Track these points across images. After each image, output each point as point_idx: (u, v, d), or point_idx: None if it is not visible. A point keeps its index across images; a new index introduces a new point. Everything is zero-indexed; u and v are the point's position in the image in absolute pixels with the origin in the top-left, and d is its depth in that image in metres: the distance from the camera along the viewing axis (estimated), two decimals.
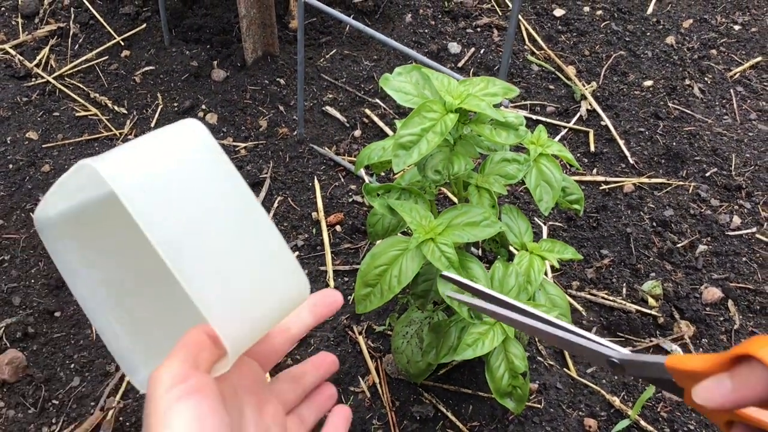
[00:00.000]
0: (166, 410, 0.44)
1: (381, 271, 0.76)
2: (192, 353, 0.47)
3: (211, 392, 0.45)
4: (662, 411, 1.01)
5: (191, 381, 0.45)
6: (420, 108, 0.73)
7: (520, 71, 1.55)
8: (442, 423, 0.98)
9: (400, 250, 0.76)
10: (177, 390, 0.44)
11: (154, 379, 0.45)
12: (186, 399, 0.44)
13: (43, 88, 1.46)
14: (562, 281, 1.17)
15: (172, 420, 0.43)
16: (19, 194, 1.26)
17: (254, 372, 0.53)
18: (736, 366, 0.38)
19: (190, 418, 0.43)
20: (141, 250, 0.54)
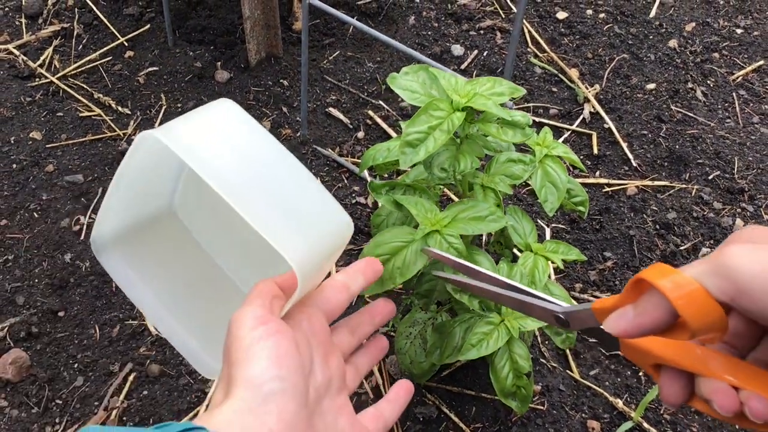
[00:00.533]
0: (250, 346, 0.48)
1: (383, 260, 0.75)
2: (267, 299, 0.52)
3: (289, 335, 0.50)
4: (665, 413, 1.01)
5: (272, 324, 0.50)
6: (427, 106, 0.73)
7: (523, 74, 1.55)
8: (445, 424, 0.98)
9: (405, 242, 0.76)
10: (260, 330, 0.49)
11: (237, 320, 0.50)
12: (268, 338, 0.49)
13: (46, 88, 1.46)
14: (564, 283, 1.17)
15: (256, 354, 0.48)
16: (23, 194, 1.26)
17: (322, 324, 0.57)
18: (640, 297, 0.40)
19: (272, 355, 0.48)
20: (191, 255, 0.63)
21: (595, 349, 1.08)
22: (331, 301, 0.59)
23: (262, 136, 0.53)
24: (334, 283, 0.61)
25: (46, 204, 1.25)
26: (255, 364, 0.48)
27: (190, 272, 0.64)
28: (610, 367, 1.06)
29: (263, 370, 0.48)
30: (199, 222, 0.65)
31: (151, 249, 0.61)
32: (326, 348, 0.56)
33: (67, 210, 1.24)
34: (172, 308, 0.60)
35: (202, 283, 0.64)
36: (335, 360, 0.57)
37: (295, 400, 0.48)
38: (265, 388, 0.47)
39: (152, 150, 0.53)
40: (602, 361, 1.07)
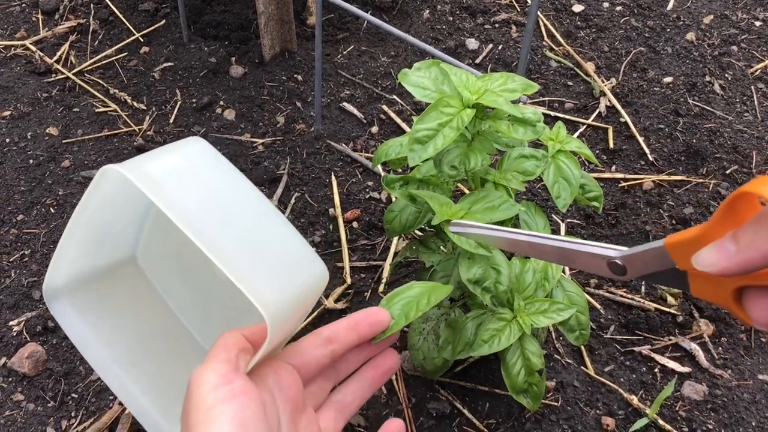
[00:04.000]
0: (210, 408, 0.44)
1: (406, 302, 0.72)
2: (232, 354, 0.48)
3: (254, 396, 0.46)
4: (681, 410, 1.00)
5: (237, 383, 0.45)
6: (437, 103, 0.73)
7: (538, 67, 1.54)
8: (459, 420, 0.98)
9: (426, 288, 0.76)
10: (223, 390, 0.45)
11: (197, 378, 0.46)
12: (231, 400, 0.44)
13: (63, 84, 1.47)
14: (579, 279, 1.16)
15: (217, 418, 0.43)
16: (40, 189, 1.27)
17: (292, 379, 0.53)
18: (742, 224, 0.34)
19: (235, 419, 0.44)
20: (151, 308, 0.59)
21: (610, 345, 1.08)
22: (305, 354, 0.55)
23: (237, 179, 0.50)
24: (314, 336, 0.56)
25: (63, 199, 1.26)
26: (215, 430, 0.43)
27: (148, 326, 0.60)
28: (625, 363, 1.06)
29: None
30: (162, 272, 0.61)
31: (108, 300, 0.58)
32: (295, 405, 0.52)
33: None
34: (126, 365, 0.56)
35: (161, 338, 0.60)
36: (305, 419, 0.53)
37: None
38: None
39: (116, 187, 0.49)
40: (617, 357, 1.06)
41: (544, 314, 0.81)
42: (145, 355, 0.58)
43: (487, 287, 0.78)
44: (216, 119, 1.40)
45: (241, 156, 1.33)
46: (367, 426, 0.98)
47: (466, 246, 0.74)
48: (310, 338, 0.56)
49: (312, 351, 0.55)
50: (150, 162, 0.47)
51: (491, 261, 0.78)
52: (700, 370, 1.05)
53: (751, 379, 1.04)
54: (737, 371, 1.05)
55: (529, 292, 0.82)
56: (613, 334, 1.09)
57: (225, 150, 1.34)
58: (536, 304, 0.81)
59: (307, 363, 0.54)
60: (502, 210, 0.76)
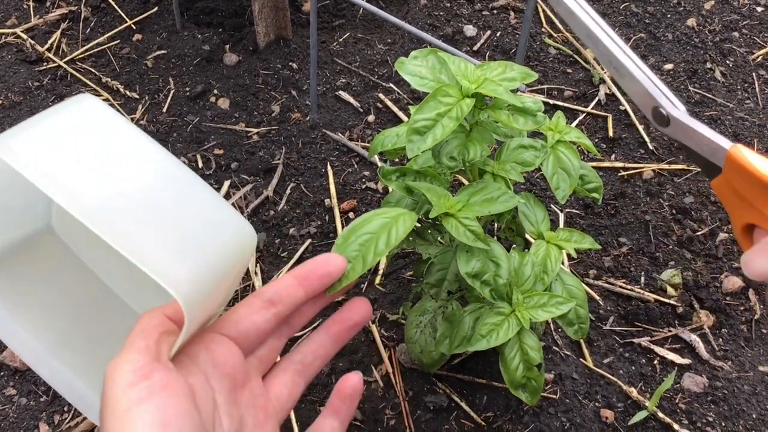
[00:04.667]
0: (126, 412, 0.37)
1: (364, 240, 0.60)
2: (152, 340, 0.41)
3: (177, 389, 0.40)
4: (680, 402, 0.99)
5: (156, 376, 0.39)
6: (435, 92, 0.71)
7: (537, 54, 1.52)
8: (456, 413, 0.97)
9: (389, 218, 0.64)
10: (140, 387, 0.38)
11: (111, 373, 0.39)
12: (150, 398, 0.38)
13: (54, 72, 1.44)
14: (579, 270, 1.15)
15: (133, 424, 0.37)
16: None
17: (227, 352, 0.46)
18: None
19: (156, 421, 0.37)
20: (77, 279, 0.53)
21: (609, 336, 1.06)
22: (242, 322, 0.47)
23: (135, 140, 0.43)
24: (252, 299, 0.49)
25: None
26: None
27: (78, 301, 0.53)
28: (624, 354, 1.05)
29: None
30: (82, 241, 0.54)
31: (27, 276, 0.51)
32: (234, 381, 0.46)
33: None
34: (53, 345, 0.49)
35: (94, 313, 0.54)
36: (247, 394, 0.47)
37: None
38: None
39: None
40: (616, 349, 1.05)
41: (543, 308, 0.79)
42: (77, 334, 0.51)
43: (486, 280, 0.77)
44: (210, 108, 1.38)
45: (236, 146, 1.31)
46: (364, 420, 0.96)
47: (465, 239, 0.73)
48: (248, 302, 0.48)
49: (251, 317, 0.48)
50: (24, 132, 0.41)
51: (490, 254, 0.77)
52: (700, 362, 1.04)
53: (752, 371, 1.03)
54: (738, 363, 1.04)
55: (528, 285, 0.81)
56: (612, 325, 1.08)
57: (219, 139, 1.32)
58: (535, 298, 0.80)
59: (246, 332, 0.47)
60: (500, 202, 0.74)
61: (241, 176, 1.27)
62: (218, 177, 1.26)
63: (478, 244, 0.74)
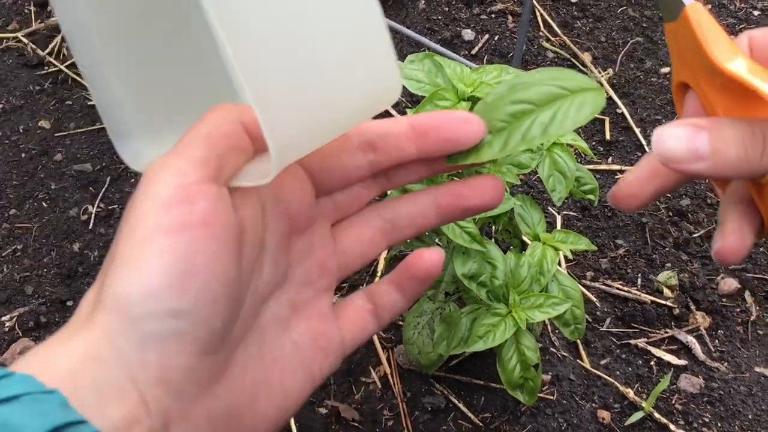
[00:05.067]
0: (145, 240, 0.28)
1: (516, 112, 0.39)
2: (215, 152, 0.30)
3: (221, 231, 0.29)
4: (677, 403, 1.00)
5: (199, 205, 0.29)
6: (432, 96, 0.72)
7: (535, 58, 1.53)
8: (454, 414, 0.98)
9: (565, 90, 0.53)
10: (173, 215, 0.28)
11: (150, 177, 0.30)
12: (180, 234, 0.28)
13: (55, 76, 1.45)
14: (576, 271, 1.15)
15: (148, 258, 0.28)
16: (32, 183, 1.26)
17: (297, 189, 0.35)
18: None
19: (172, 269, 0.28)
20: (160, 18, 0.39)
21: (606, 337, 1.07)
22: (329, 159, 0.36)
23: None
24: (353, 136, 0.36)
25: (55, 193, 1.25)
26: (138, 277, 0.28)
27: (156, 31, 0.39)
28: (621, 356, 1.05)
29: (147, 294, 0.27)
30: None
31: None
32: (294, 224, 0.35)
33: (76, 199, 1.24)
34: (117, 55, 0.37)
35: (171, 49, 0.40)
36: (304, 241, 0.36)
37: (199, 342, 0.29)
38: (145, 326, 0.27)
39: None
40: (613, 350, 1.06)
41: (540, 309, 0.80)
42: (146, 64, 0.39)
43: (482, 282, 0.78)
44: None
45: None
46: (362, 420, 0.97)
47: (461, 241, 0.74)
48: (344, 139, 0.36)
49: (340, 156, 0.36)
50: None
51: (486, 255, 0.77)
52: (697, 363, 1.04)
53: (748, 372, 1.03)
54: (734, 364, 1.04)
55: (525, 286, 0.81)
56: (609, 326, 1.09)
57: None
58: (531, 299, 0.81)
59: (328, 170, 0.36)
60: None
61: None
62: None
63: (474, 245, 0.75)
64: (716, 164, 0.31)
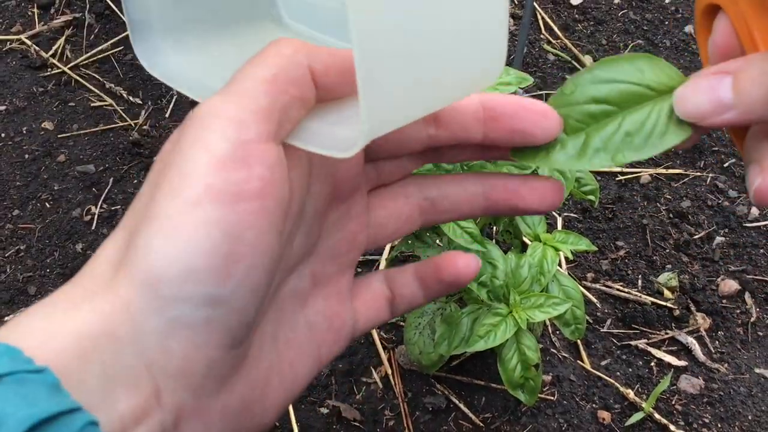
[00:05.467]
0: (192, 203, 0.24)
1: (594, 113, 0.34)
2: (281, 101, 0.26)
3: (273, 203, 0.25)
4: (677, 404, 1.00)
5: (257, 170, 0.25)
6: None
7: (536, 60, 1.53)
8: (455, 414, 0.98)
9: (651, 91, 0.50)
10: (230, 177, 0.24)
11: (206, 120, 0.25)
12: (231, 206, 0.24)
13: (58, 78, 1.46)
14: (576, 273, 1.16)
15: (192, 228, 0.24)
16: (35, 184, 1.27)
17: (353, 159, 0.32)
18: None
19: (218, 244, 0.24)
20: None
21: (607, 338, 1.07)
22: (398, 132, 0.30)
23: None
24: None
25: (58, 194, 1.25)
26: (179, 251, 0.24)
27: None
28: (621, 357, 1.06)
29: (188, 273, 0.24)
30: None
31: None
32: (337, 191, 0.32)
33: (79, 200, 1.24)
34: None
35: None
36: (342, 210, 0.33)
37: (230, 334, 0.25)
38: (176, 309, 0.24)
39: None
40: (613, 351, 1.06)
41: (540, 309, 0.81)
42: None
43: (483, 282, 0.78)
44: None
45: None
46: (363, 420, 0.98)
47: (462, 241, 0.74)
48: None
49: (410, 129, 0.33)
50: None
51: (487, 256, 0.78)
52: (697, 364, 1.05)
53: (748, 373, 1.04)
54: (734, 365, 1.05)
55: (525, 286, 0.82)
56: (609, 327, 1.09)
57: None
58: (532, 299, 0.81)
59: (386, 137, 0.28)
60: None
61: None
62: None
63: (474, 246, 0.76)
64: (745, 110, 0.27)
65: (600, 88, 0.33)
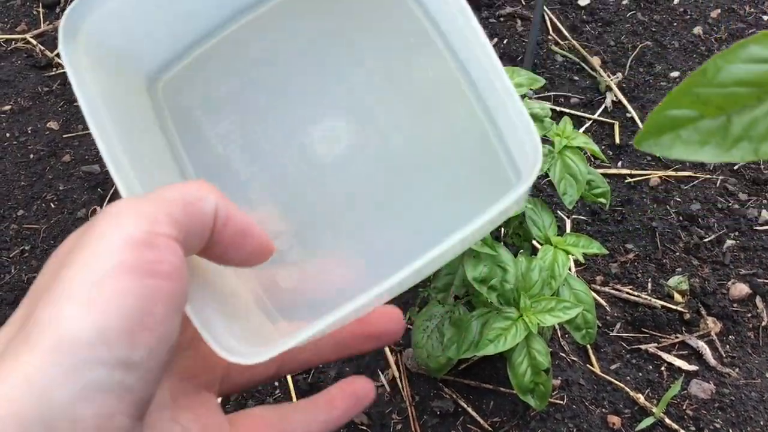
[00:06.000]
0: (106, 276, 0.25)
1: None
2: (192, 221, 0.28)
3: (179, 290, 0.27)
4: (688, 409, 0.99)
5: (168, 257, 0.26)
6: None
7: (543, 62, 1.52)
8: (463, 418, 0.97)
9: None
10: (142, 256, 0.25)
11: (121, 212, 0.26)
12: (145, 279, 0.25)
13: (63, 78, 1.45)
14: (585, 276, 1.15)
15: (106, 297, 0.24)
16: (40, 184, 1.26)
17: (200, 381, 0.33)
18: None
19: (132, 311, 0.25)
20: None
21: (616, 342, 1.06)
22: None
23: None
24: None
25: (63, 194, 1.25)
26: (93, 316, 0.24)
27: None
28: (631, 361, 1.05)
29: (101, 336, 0.24)
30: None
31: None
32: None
33: (84, 200, 1.24)
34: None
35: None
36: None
37: (139, 403, 0.26)
38: (90, 373, 0.24)
39: None
40: (623, 356, 1.05)
41: (551, 313, 0.80)
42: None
43: (493, 286, 0.77)
44: None
45: None
46: (371, 424, 0.97)
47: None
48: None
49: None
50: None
51: (497, 259, 0.77)
52: (708, 369, 1.04)
53: (759, 378, 1.03)
54: (745, 369, 1.04)
55: (536, 290, 0.81)
56: (619, 331, 1.08)
57: None
58: (542, 303, 0.80)
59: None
60: None
61: None
62: None
63: (485, 249, 0.75)
64: None
65: (749, 68, 0.27)
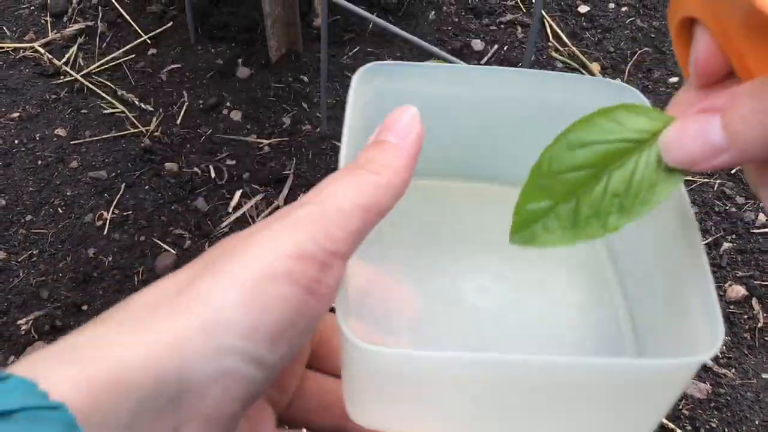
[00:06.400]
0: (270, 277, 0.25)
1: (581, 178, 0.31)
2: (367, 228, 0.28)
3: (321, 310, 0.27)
4: (684, 408, 1.00)
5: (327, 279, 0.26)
6: None
7: (543, 68, 1.54)
8: None
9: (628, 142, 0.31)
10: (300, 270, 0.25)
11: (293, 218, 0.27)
12: (300, 294, 0.26)
13: (71, 85, 1.48)
14: None
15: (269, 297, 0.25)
16: (48, 190, 1.29)
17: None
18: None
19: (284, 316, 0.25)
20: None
21: None
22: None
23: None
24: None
25: (71, 200, 1.27)
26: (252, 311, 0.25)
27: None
28: None
29: (253, 330, 0.25)
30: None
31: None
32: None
33: (91, 205, 1.26)
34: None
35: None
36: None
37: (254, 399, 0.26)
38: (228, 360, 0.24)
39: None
40: None
41: None
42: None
43: None
44: (222, 120, 1.41)
45: (248, 156, 1.34)
46: None
47: None
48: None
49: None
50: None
51: None
52: (704, 369, 1.05)
53: (755, 378, 1.04)
54: (741, 370, 1.05)
55: None
56: None
57: (231, 150, 1.35)
58: None
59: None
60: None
61: (252, 186, 1.29)
62: (230, 187, 1.29)
63: None
64: (740, 152, 0.25)
65: (576, 154, 0.30)
